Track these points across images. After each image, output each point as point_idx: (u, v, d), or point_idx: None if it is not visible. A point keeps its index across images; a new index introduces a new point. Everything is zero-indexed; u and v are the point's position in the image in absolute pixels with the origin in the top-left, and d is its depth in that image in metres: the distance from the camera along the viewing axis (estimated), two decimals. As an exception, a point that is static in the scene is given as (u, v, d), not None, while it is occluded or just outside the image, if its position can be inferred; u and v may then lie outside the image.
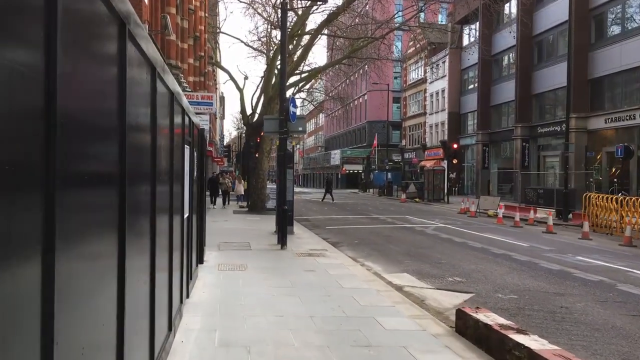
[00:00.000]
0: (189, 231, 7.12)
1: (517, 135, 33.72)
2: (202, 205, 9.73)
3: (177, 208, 5.72)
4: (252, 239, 13.86)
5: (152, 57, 3.67)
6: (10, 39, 1.37)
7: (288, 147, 12.34)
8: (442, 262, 11.00)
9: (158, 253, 4.11)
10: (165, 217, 4.77)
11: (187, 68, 19.73)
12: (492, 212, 24.77)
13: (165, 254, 4.81)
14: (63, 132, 1.73)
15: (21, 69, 1.45)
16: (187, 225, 6.98)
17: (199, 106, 16.21)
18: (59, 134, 1.70)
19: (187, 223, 6.97)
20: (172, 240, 5.06)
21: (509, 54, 36.99)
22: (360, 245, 13.81)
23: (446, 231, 17.19)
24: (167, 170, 4.83)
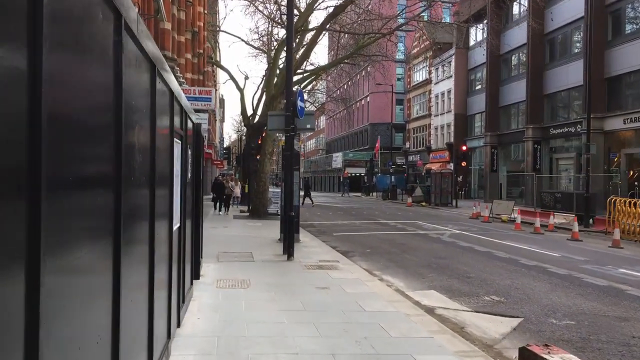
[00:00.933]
0: (181, 244, 5.83)
1: (528, 137, 32.45)
2: (198, 211, 8.46)
3: (162, 216, 4.46)
4: (255, 248, 12.57)
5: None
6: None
7: (295, 146, 11.05)
8: (470, 276, 9.71)
9: (130, 275, 2.86)
10: (143, 229, 3.51)
11: (185, 63, 18.49)
12: (505, 217, 23.51)
13: (143, 276, 3.55)
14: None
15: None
16: (179, 237, 5.70)
17: (197, 102, 14.92)
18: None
19: (179, 234, 5.70)
20: (153, 258, 3.78)
21: (518, 53, 35.76)
22: (373, 255, 12.52)
23: (464, 238, 15.90)
24: (147, 171, 3.57)
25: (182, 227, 5.85)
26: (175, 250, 5.39)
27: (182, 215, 5.87)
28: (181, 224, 5.76)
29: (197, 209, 8.24)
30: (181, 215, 5.74)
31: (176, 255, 5.42)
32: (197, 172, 8.14)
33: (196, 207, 8.14)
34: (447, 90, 45.41)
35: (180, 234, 5.72)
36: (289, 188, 11.50)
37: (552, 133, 31.36)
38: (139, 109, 3.25)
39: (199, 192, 8.42)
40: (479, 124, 42.12)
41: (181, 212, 5.73)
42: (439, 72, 47.57)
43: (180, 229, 5.72)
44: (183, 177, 5.97)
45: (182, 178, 5.70)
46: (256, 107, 33.52)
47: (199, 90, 15.32)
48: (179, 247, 5.68)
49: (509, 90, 36.70)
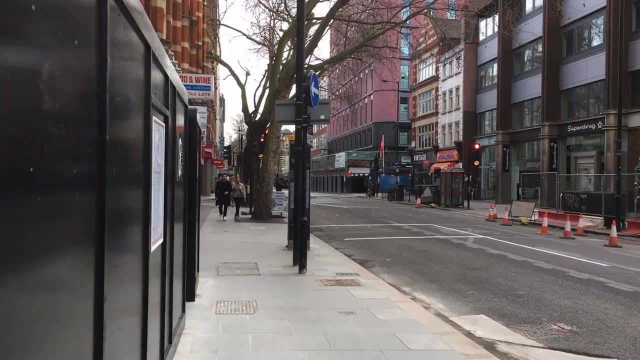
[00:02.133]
0: (165, 266, 4.24)
1: (544, 134, 30.85)
2: (193, 217, 6.89)
3: (130, 230, 2.91)
4: (260, 257, 10.98)
5: None
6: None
7: (308, 140, 9.46)
8: (520, 294, 8.12)
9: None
10: (87, 255, 1.97)
11: (181, 52, 16.93)
12: (525, 220, 21.93)
13: (87, 321, 2.02)
14: None
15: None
16: (163, 255, 4.12)
17: (194, 91, 13.30)
18: None
19: (163, 251, 4.12)
20: (101, 306, 2.21)
21: (532, 47, 34.17)
22: (395, 265, 10.94)
23: (491, 245, 14.32)
24: (92, 161, 2.03)
25: (167, 241, 4.27)
26: (156, 276, 3.83)
27: (167, 224, 4.29)
28: (167, 238, 4.18)
29: (191, 213, 6.68)
30: (166, 225, 4.16)
31: (157, 285, 3.85)
32: (190, 169, 6.58)
33: (190, 211, 6.58)
34: (455, 87, 43.83)
35: (164, 251, 4.14)
36: (300, 189, 9.92)
37: (570, 130, 29.77)
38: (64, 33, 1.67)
39: (193, 194, 6.86)
40: (489, 122, 40.55)
41: (166, 220, 4.15)
42: (446, 68, 45.99)
43: (165, 245, 4.14)
44: (169, 174, 4.40)
45: (167, 175, 4.12)
46: (258, 103, 31.98)
47: (196, 78, 13.64)
48: (162, 271, 4.11)
49: (522, 86, 35.11)
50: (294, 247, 10.04)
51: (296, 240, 9.86)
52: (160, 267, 4.09)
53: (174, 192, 4.62)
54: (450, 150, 44.16)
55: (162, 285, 4.14)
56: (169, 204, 4.40)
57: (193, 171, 6.86)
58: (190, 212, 6.68)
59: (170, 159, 4.48)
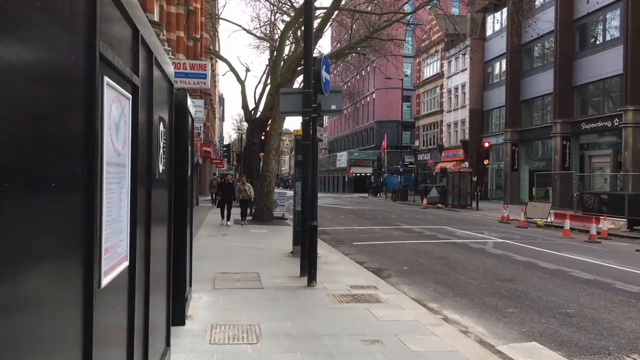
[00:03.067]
0: (136, 296, 3.02)
1: (556, 132, 29.63)
2: (182, 223, 5.67)
3: (45, 265, 1.68)
4: (262, 265, 9.77)
5: None
6: None
7: (318, 134, 8.23)
8: (569, 313, 6.90)
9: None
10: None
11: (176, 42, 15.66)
12: (541, 222, 20.74)
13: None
14: None
15: None
16: (131, 283, 2.91)
17: (188, 80, 12.05)
18: None
19: (131, 278, 2.92)
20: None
21: (543, 42, 32.95)
22: (414, 274, 9.73)
23: (514, 250, 13.11)
24: None
25: (138, 262, 3.05)
26: (119, 311, 2.63)
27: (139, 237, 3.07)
28: (135, 260, 2.96)
29: (180, 219, 5.48)
30: (134, 240, 2.93)
31: (122, 323, 2.65)
32: (180, 165, 5.39)
33: (179, 216, 5.38)
34: (461, 84, 42.61)
35: (133, 276, 2.93)
36: (309, 189, 8.70)
37: (584, 128, 28.55)
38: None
39: (183, 195, 5.66)
40: (496, 120, 39.33)
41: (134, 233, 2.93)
42: (451, 65, 44.78)
43: (133, 268, 2.92)
44: (142, 169, 3.18)
45: (136, 170, 2.90)
46: (258, 100, 30.84)
47: (191, 65, 12.27)
48: (129, 304, 2.90)
49: (531, 83, 33.90)
50: (301, 255, 8.83)
51: (304, 248, 8.64)
52: (127, 300, 2.89)
53: (150, 194, 3.41)
54: (456, 149, 42.95)
55: (130, 322, 2.93)
56: (142, 210, 3.19)
57: (183, 168, 5.66)
58: (179, 217, 5.48)
59: (145, 148, 3.27)
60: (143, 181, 3.22)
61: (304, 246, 8.70)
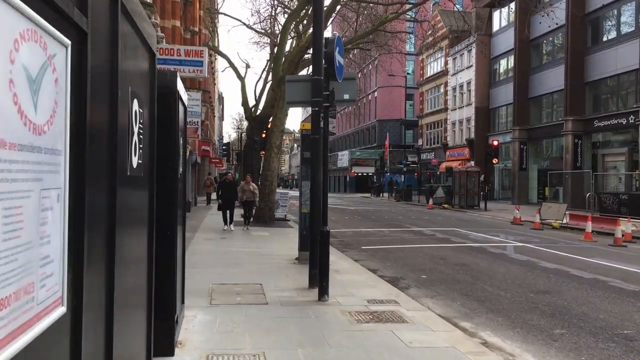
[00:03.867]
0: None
1: (567, 130, 28.59)
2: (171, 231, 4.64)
3: None
4: (266, 274, 8.75)
5: None
6: None
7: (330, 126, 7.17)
8: (629, 336, 5.87)
9: None
10: None
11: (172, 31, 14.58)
12: (557, 223, 19.71)
13: None
14: None
15: None
16: (76, 341, 1.87)
17: (182, 67, 10.93)
18: None
19: (75, 334, 1.88)
20: None
21: (552, 37, 31.92)
22: (435, 284, 8.71)
23: (537, 255, 12.08)
24: None
25: (82, 303, 2.00)
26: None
27: (93, 263, 2.04)
28: (81, 301, 1.91)
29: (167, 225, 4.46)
30: (81, 271, 1.90)
31: None
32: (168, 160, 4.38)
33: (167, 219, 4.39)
34: (466, 81, 41.56)
35: (78, 329, 1.89)
36: (319, 189, 7.66)
37: (597, 126, 27.51)
38: None
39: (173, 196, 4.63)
40: (504, 119, 38.29)
41: (80, 257, 1.90)
42: (456, 62, 43.73)
43: (77, 316, 1.89)
44: (102, 162, 2.15)
45: (77, 160, 1.87)
46: (259, 98, 29.80)
47: (186, 51, 11.09)
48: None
49: (540, 79, 32.86)
50: (310, 264, 7.79)
51: (314, 256, 7.61)
52: (70, 347, 1.88)
53: (115, 193, 2.37)
54: (461, 148, 41.90)
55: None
56: (101, 214, 2.17)
57: (172, 163, 4.63)
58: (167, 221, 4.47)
59: (106, 132, 2.24)
60: (102, 177, 2.19)
61: (313, 254, 7.67)
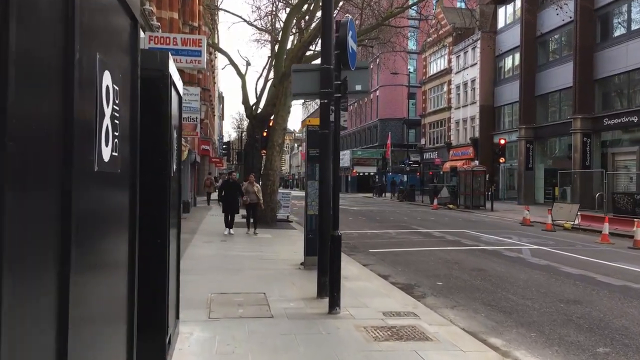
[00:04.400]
0: None
1: (576, 128, 27.87)
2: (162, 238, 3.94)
3: None
4: (269, 281, 8.05)
5: None
6: None
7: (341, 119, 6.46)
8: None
9: None
10: None
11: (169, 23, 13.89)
12: (568, 225, 19.01)
13: None
14: None
15: None
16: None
17: (179, 57, 10.20)
18: None
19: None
20: None
21: (560, 34, 31.22)
22: (453, 292, 8.02)
23: (556, 259, 11.39)
24: None
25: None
26: None
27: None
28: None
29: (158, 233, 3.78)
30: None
31: None
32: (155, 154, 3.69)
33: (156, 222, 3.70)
34: (470, 79, 40.83)
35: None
36: (328, 188, 6.97)
37: (607, 124, 26.80)
38: None
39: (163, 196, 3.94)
40: (509, 117, 37.59)
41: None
42: (460, 60, 43.03)
43: None
44: (46, 152, 1.44)
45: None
46: (260, 96, 29.14)
47: (183, 39, 10.30)
48: None
49: (547, 77, 32.15)
50: (319, 272, 7.08)
51: (323, 263, 6.91)
52: None
53: (70, 192, 1.66)
54: (465, 147, 41.17)
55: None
56: (48, 214, 1.47)
57: (162, 159, 3.94)
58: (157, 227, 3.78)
59: (54, 111, 1.54)
60: (42, 172, 1.50)
61: (322, 261, 6.97)
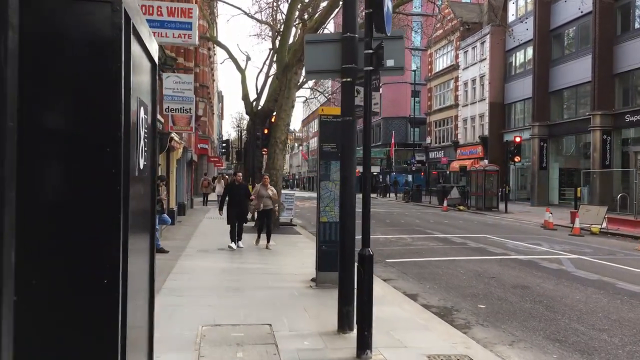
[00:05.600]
0: None
1: (595, 125, 26.31)
2: (110, 276, 2.37)
3: None
4: (276, 306, 6.50)
5: None
6: None
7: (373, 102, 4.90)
8: None
9: None
10: None
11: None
12: (596, 229, 17.49)
13: None
14: None
15: None
16: None
17: (164, 30, 8.58)
18: None
19: None
20: None
21: (577, 26, 29.66)
22: (503, 319, 6.48)
23: (606, 272, 9.85)
24: None
25: None
26: None
27: None
28: None
29: (97, 259, 2.20)
30: None
31: None
32: (87, 132, 2.07)
33: (95, 254, 2.11)
34: (479, 75, 39.26)
35: None
36: (350, 191, 5.42)
37: (628, 120, 25.24)
38: None
39: (110, 203, 2.36)
40: (520, 114, 36.03)
41: None
42: (468, 55, 41.46)
43: None
44: None
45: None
46: (260, 91, 27.63)
47: (169, 9, 8.60)
48: None
49: (563, 72, 30.58)
50: (340, 299, 5.51)
51: (346, 289, 5.36)
52: None
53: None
54: (474, 145, 39.63)
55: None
56: None
57: (112, 150, 2.38)
58: (95, 259, 2.22)
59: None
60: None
61: (344, 285, 5.41)
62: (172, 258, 10.06)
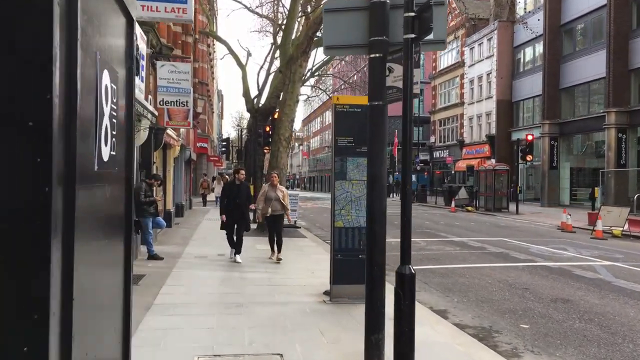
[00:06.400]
0: None
1: (609, 123, 25.31)
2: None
3: None
4: (286, 329, 5.50)
5: None
6: None
7: (414, 80, 3.89)
8: None
9: None
10: None
11: None
12: (617, 231, 16.51)
13: None
14: None
15: None
16: None
17: (155, 3, 7.50)
18: None
19: None
20: None
21: (589, 20, 28.65)
22: (553, 344, 5.50)
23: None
24: None
25: None
26: None
27: None
28: None
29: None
30: None
31: None
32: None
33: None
34: (486, 72, 38.25)
35: None
36: (379, 192, 4.41)
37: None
38: None
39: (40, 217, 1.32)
40: (529, 112, 35.02)
41: None
42: (474, 52, 40.45)
43: None
44: None
45: None
46: (262, 88, 26.61)
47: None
48: None
49: (574, 68, 29.57)
50: (367, 324, 4.49)
51: (375, 314, 4.35)
52: None
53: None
54: (481, 144, 38.63)
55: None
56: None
57: (31, 142, 1.35)
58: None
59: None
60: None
61: (372, 308, 4.39)
62: (166, 266, 9.05)
